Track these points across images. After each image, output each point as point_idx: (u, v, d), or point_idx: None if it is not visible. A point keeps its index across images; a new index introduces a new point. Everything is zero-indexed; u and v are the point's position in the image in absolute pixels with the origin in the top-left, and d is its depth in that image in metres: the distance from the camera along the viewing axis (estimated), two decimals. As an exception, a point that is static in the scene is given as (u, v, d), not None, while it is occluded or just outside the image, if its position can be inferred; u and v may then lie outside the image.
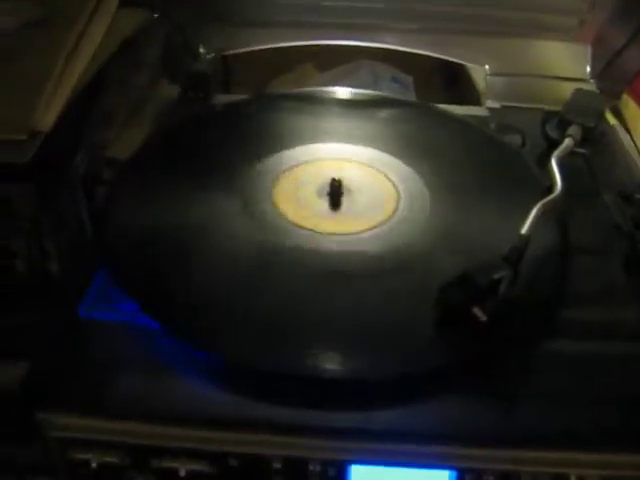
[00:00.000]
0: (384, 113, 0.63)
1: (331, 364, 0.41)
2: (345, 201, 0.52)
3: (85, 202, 0.69)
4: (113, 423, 0.39)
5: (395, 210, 0.51)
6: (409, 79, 0.88)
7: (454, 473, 0.39)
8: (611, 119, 0.65)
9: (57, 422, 0.39)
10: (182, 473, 0.40)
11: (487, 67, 0.66)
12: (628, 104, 0.69)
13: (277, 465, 0.39)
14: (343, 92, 0.66)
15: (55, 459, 0.41)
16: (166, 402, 0.40)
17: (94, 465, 0.40)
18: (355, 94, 0.66)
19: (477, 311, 0.41)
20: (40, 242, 0.69)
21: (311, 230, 0.49)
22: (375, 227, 0.49)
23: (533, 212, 0.47)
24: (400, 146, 0.57)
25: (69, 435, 0.40)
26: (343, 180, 0.52)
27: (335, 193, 0.52)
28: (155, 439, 0.40)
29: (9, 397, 0.39)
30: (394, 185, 0.53)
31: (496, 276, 0.42)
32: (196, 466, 0.40)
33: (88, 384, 0.40)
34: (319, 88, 0.66)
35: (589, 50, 0.66)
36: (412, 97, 0.85)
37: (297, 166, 0.55)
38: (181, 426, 0.39)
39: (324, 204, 0.52)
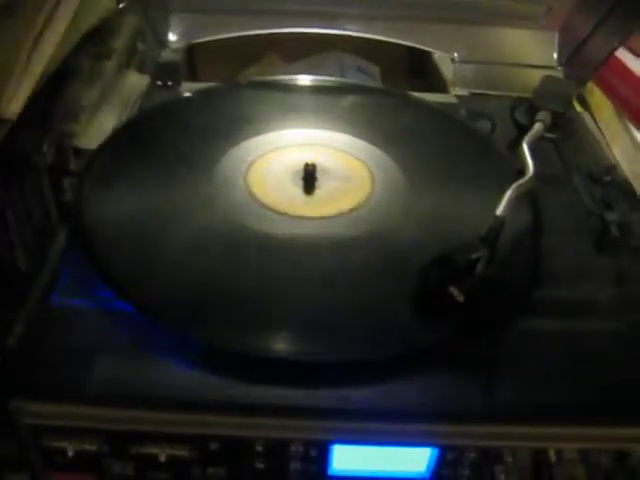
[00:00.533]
0: (357, 100, 0.63)
1: (311, 345, 0.41)
2: (319, 185, 0.52)
3: (52, 193, 0.68)
4: (89, 409, 0.39)
5: (370, 194, 0.51)
6: (375, 69, 0.88)
7: (436, 450, 0.40)
8: (577, 106, 0.66)
9: (30, 409, 0.38)
10: (162, 458, 0.39)
11: (456, 55, 0.67)
12: (593, 91, 0.70)
13: (259, 447, 0.39)
14: (316, 80, 0.66)
15: (30, 448, 0.40)
16: (144, 386, 0.39)
17: (71, 453, 0.39)
18: (328, 81, 0.66)
19: (454, 291, 0.41)
20: (6, 234, 0.68)
21: (286, 214, 0.48)
22: (350, 211, 0.49)
23: (507, 194, 0.47)
24: (374, 132, 0.57)
25: (44, 422, 0.39)
26: (317, 165, 0.52)
27: (309, 177, 0.51)
28: (133, 424, 0.39)
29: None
30: (368, 170, 0.53)
31: (473, 256, 0.42)
32: (176, 451, 0.39)
33: (62, 370, 0.39)
34: (292, 76, 0.66)
35: (556, 38, 0.67)
36: (375, 85, 0.86)
37: (270, 152, 0.54)
38: (160, 410, 0.39)
39: (298, 189, 0.51)
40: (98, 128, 0.66)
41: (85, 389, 0.38)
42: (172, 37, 0.67)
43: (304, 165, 0.52)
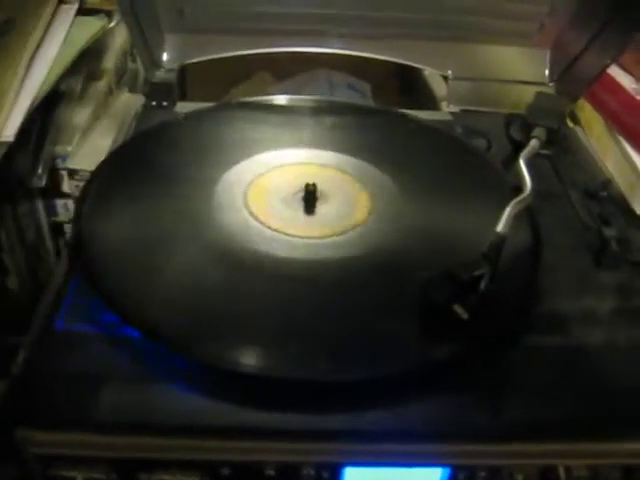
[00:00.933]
0: (353, 119, 0.63)
1: (319, 367, 0.40)
2: (319, 205, 0.52)
3: (45, 215, 0.68)
4: (97, 437, 0.38)
5: (369, 213, 0.51)
6: (366, 86, 0.89)
7: (447, 470, 0.40)
8: (568, 122, 0.67)
9: (37, 438, 0.38)
10: (172, 485, 0.39)
11: (449, 72, 0.67)
12: (584, 108, 0.71)
13: (270, 471, 0.39)
14: (308, 99, 0.66)
15: (37, 478, 0.39)
16: (152, 412, 0.38)
17: (79, 482, 0.39)
18: (321, 101, 0.66)
19: (458, 309, 0.41)
20: (-1, 256, 0.67)
21: (288, 234, 0.48)
22: (350, 230, 0.49)
23: (507, 211, 0.47)
24: (371, 151, 0.57)
25: (51, 451, 0.38)
26: (317, 185, 0.52)
27: (310, 198, 0.52)
28: (142, 452, 0.38)
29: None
30: (367, 189, 0.53)
31: (476, 273, 0.43)
32: (187, 477, 0.39)
33: (69, 398, 0.39)
34: (283, 95, 0.66)
35: (548, 54, 0.68)
36: (369, 104, 0.86)
37: (269, 172, 0.55)
38: (169, 437, 0.38)
39: (299, 209, 0.51)
40: (91, 149, 0.66)
41: (92, 417, 0.38)
42: (166, 57, 0.67)
43: (305, 185, 0.52)
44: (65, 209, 0.68)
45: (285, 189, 0.53)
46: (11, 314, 0.65)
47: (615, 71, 0.68)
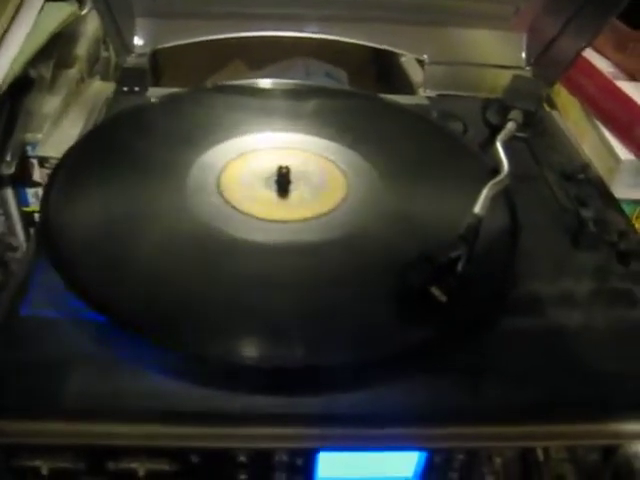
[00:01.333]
0: (328, 103, 0.62)
1: (291, 350, 0.39)
2: (293, 188, 0.51)
3: (15, 203, 0.66)
4: (63, 425, 0.37)
5: (344, 196, 0.50)
6: (343, 74, 0.88)
7: (424, 454, 0.39)
8: (545, 107, 0.66)
9: (2, 428, 0.36)
10: (141, 473, 0.38)
11: (425, 56, 0.67)
12: (560, 92, 0.71)
13: (242, 458, 0.38)
14: (284, 83, 0.65)
15: (1, 468, 0.38)
16: (119, 398, 0.37)
17: (45, 472, 0.38)
18: (297, 85, 0.65)
19: (436, 291, 0.40)
20: (-32, 248, 0.66)
21: (262, 218, 0.47)
22: (325, 213, 0.48)
23: (484, 192, 0.47)
24: (346, 134, 0.56)
25: (14, 441, 0.37)
26: (290, 168, 0.51)
27: (283, 181, 0.51)
28: (110, 439, 0.37)
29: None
30: (342, 172, 0.52)
31: (453, 255, 0.42)
32: (156, 465, 0.38)
33: (34, 385, 0.37)
34: (261, 79, 0.65)
35: (524, 38, 0.67)
36: (347, 87, 0.86)
37: (242, 156, 0.53)
38: (137, 423, 0.37)
39: (272, 192, 0.50)
40: (62, 137, 0.65)
41: (58, 404, 0.37)
42: (137, 42, 0.65)
43: (277, 168, 0.51)
44: (36, 198, 0.67)
45: (259, 173, 0.52)
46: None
47: (592, 55, 0.67)
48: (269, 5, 0.65)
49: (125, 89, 0.64)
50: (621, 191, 0.61)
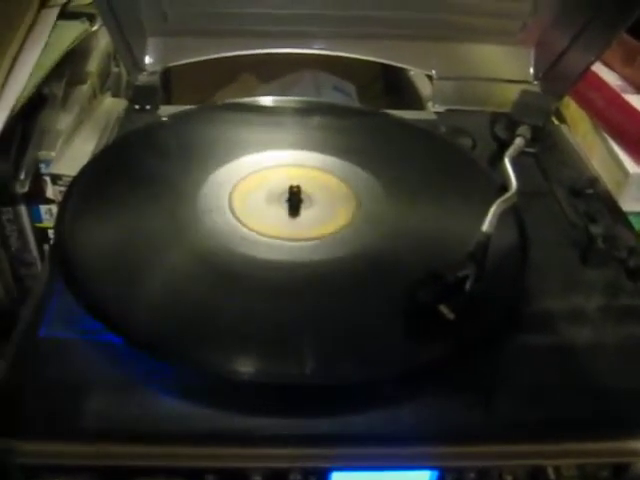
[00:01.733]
0: (337, 121, 0.63)
1: (304, 371, 0.40)
2: (304, 207, 0.51)
3: (30, 221, 0.67)
4: (82, 446, 0.37)
5: (354, 215, 0.51)
6: (351, 87, 0.89)
7: (435, 473, 0.39)
8: (554, 121, 0.67)
9: (21, 449, 0.37)
10: (158, 493, 0.39)
11: (434, 72, 0.67)
12: (569, 106, 0.71)
13: (257, 477, 0.38)
14: (293, 100, 0.65)
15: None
16: (137, 420, 0.38)
17: (64, 492, 0.38)
18: (304, 102, 0.66)
19: (444, 309, 0.41)
20: (-18, 264, 0.67)
21: (272, 237, 0.48)
22: (335, 232, 0.49)
23: (492, 210, 0.47)
24: (355, 152, 0.57)
25: (35, 462, 0.38)
26: (301, 186, 0.51)
27: (294, 199, 0.51)
28: (128, 460, 0.38)
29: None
30: (352, 190, 0.53)
31: (462, 273, 0.42)
32: (173, 485, 0.39)
33: (54, 406, 0.38)
34: (269, 97, 0.65)
35: (532, 53, 0.68)
36: (355, 105, 0.86)
37: (253, 174, 0.54)
38: (154, 444, 0.37)
39: (283, 211, 0.51)
40: (75, 154, 0.66)
41: (77, 425, 0.37)
42: (149, 60, 0.66)
43: (289, 187, 0.51)
44: (49, 215, 0.67)
45: (270, 192, 0.52)
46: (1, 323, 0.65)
47: (600, 68, 0.68)
48: (278, 23, 0.65)
49: (137, 107, 0.65)
50: (629, 204, 0.61)
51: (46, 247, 0.69)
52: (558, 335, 0.44)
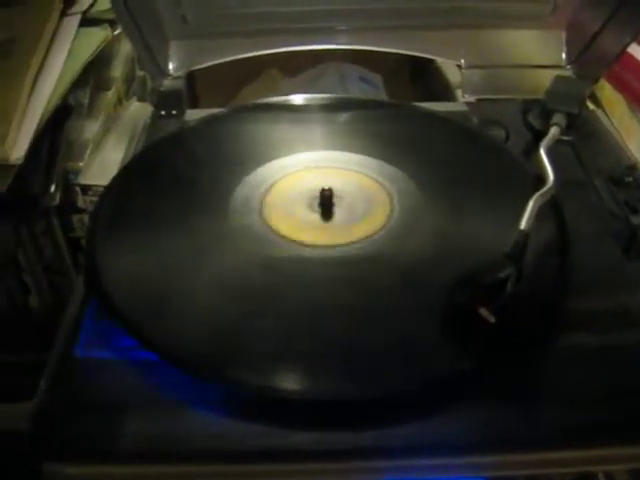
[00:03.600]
0: (367, 116, 0.62)
1: (344, 385, 0.39)
2: (337, 210, 0.50)
3: (61, 232, 0.67)
4: (124, 467, 0.37)
5: (389, 216, 0.49)
6: (378, 78, 0.87)
7: (482, 483, 0.39)
8: (589, 104, 0.65)
9: (66, 473, 0.37)
10: (201, 512, 0.38)
11: (462, 61, 0.66)
12: (604, 88, 0.69)
13: (300, 494, 0.38)
14: (320, 98, 0.64)
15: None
16: (178, 439, 0.37)
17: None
18: (332, 99, 0.64)
19: (484, 312, 0.40)
20: (18, 276, 0.67)
21: (306, 244, 0.47)
22: (370, 235, 0.48)
23: (529, 206, 0.46)
24: (387, 149, 0.55)
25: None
26: (333, 188, 0.51)
27: (326, 203, 0.50)
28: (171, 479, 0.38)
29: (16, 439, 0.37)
30: (385, 190, 0.52)
31: (501, 274, 0.41)
32: (215, 503, 0.38)
33: (96, 429, 0.38)
34: (294, 96, 0.64)
35: (564, 36, 0.66)
36: (382, 95, 0.85)
37: (284, 179, 0.53)
38: (195, 463, 0.37)
39: (316, 215, 0.50)
40: (103, 163, 0.66)
41: (118, 447, 0.37)
42: (172, 65, 0.65)
43: (320, 191, 0.50)
44: (81, 223, 0.68)
45: (302, 196, 0.52)
46: (35, 332, 0.65)
47: (636, 49, 0.65)
48: (300, 20, 0.64)
49: (163, 113, 0.64)
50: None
51: (80, 256, 0.69)
52: (604, 334, 0.43)
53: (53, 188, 0.62)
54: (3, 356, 0.63)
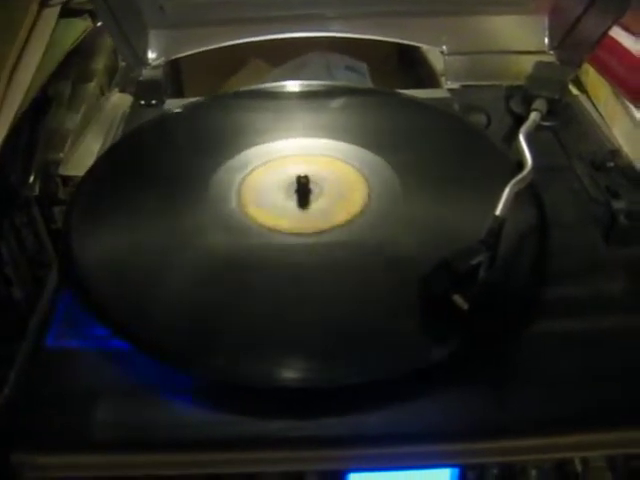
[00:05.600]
0: (346, 103, 0.61)
1: (317, 372, 0.39)
2: (314, 198, 0.50)
3: (43, 223, 0.67)
4: (96, 457, 0.37)
5: (366, 203, 0.49)
6: (363, 66, 0.87)
7: (456, 470, 0.38)
8: (573, 89, 0.64)
9: (35, 462, 0.37)
10: (174, 501, 0.38)
11: (445, 47, 0.65)
12: (588, 72, 0.68)
13: (273, 482, 0.38)
14: (299, 85, 0.64)
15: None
16: (149, 428, 0.37)
17: (78, 504, 0.38)
18: (312, 86, 0.64)
19: (458, 299, 0.39)
20: (0, 269, 0.67)
21: (282, 232, 0.47)
22: (346, 223, 0.47)
23: (506, 192, 0.45)
24: (366, 135, 0.55)
25: (48, 474, 0.37)
26: (310, 176, 0.50)
27: (302, 190, 0.50)
28: (143, 469, 0.37)
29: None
30: (363, 176, 0.51)
31: (474, 261, 0.40)
32: (187, 492, 0.38)
33: (65, 418, 0.38)
34: (273, 83, 0.64)
35: (546, 21, 0.65)
36: (368, 84, 0.84)
37: (261, 166, 0.53)
38: (168, 452, 0.37)
39: (292, 203, 0.50)
40: (83, 154, 0.65)
41: (89, 436, 0.37)
42: (151, 54, 0.65)
43: (296, 178, 0.50)
44: (63, 215, 0.67)
45: (278, 183, 0.51)
46: (18, 324, 0.65)
47: (618, 33, 0.64)
48: (282, 7, 0.64)
49: (142, 102, 0.64)
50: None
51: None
52: (581, 321, 0.42)
53: (32, 179, 0.61)
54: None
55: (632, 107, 0.62)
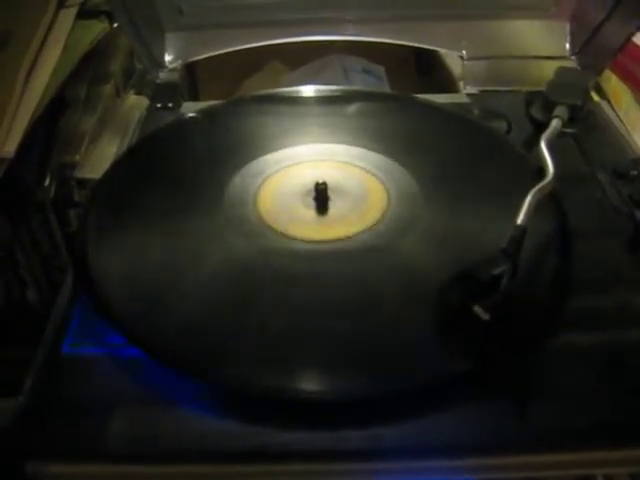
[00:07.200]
0: (365, 108, 0.60)
1: (335, 384, 0.38)
2: (332, 204, 0.49)
3: (58, 226, 0.67)
4: (111, 467, 0.37)
5: (385, 210, 0.48)
6: (381, 69, 0.86)
7: (474, 486, 0.37)
8: (594, 95, 0.63)
9: (49, 471, 0.36)
10: (187, 512, 0.37)
11: (464, 52, 0.64)
12: (610, 79, 0.67)
13: (287, 495, 0.37)
14: (317, 90, 0.63)
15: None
16: (167, 438, 0.37)
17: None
18: (331, 91, 0.63)
19: (478, 310, 0.38)
20: (16, 271, 0.66)
21: (300, 239, 0.46)
22: (366, 230, 0.47)
23: (527, 200, 0.44)
24: (383, 141, 0.54)
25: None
26: (328, 183, 0.49)
27: (321, 197, 0.49)
28: (159, 479, 0.37)
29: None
30: (382, 183, 0.51)
31: (496, 271, 0.40)
32: (202, 504, 0.37)
33: (81, 427, 0.37)
34: (291, 88, 0.63)
35: (568, 27, 0.64)
36: (385, 88, 0.84)
37: (278, 172, 0.52)
38: (185, 463, 0.36)
39: (311, 210, 0.49)
40: (99, 157, 0.64)
41: (105, 446, 0.36)
42: (168, 57, 0.65)
43: (315, 184, 0.49)
44: (78, 219, 0.67)
45: (296, 190, 0.50)
46: (33, 327, 0.65)
47: (640, 39, 0.64)
48: (299, 11, 0.63)
49: (158, 105, 0.63)
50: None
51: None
52: (604, 334, 0.41)
53: (47, 181, 0.61)
54: (1, 351, 0.62)
55: (654, 114, 0.62)
